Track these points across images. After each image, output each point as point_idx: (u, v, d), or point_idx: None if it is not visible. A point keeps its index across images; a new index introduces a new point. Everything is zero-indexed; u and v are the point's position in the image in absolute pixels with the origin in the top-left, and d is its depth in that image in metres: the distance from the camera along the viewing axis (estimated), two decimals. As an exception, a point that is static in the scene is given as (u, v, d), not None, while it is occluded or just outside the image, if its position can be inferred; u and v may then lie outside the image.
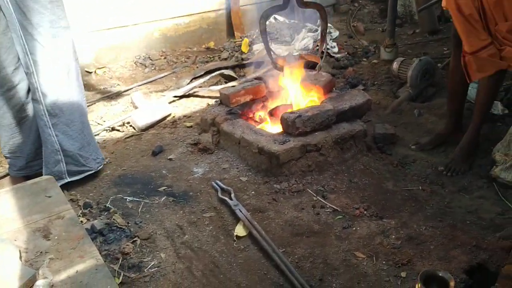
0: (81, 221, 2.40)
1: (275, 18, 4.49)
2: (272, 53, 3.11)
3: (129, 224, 2.41)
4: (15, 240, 1.82)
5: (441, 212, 2.49)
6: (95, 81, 4.46)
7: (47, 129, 2.59)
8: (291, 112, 2.83)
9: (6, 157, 2.82)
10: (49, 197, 2.23)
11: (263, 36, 3.02)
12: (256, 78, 3.22)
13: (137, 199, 2.64)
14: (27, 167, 2.82)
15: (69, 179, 2.73)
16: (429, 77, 3.77)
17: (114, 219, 2.43)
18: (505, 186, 2.66)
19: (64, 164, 2.69)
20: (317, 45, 4.72)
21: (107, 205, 2.57)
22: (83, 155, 2.73)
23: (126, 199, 2.64)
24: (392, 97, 3.86)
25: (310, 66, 3.72)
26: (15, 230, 1.92)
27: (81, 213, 2.51)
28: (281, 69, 3.10)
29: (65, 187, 2.75)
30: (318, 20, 5.30)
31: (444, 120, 3.19)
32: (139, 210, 2.55)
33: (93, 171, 2.81)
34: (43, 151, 2.67)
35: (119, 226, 2.37)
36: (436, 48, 4.81)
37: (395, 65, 3.95)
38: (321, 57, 3.18)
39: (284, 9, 2.95)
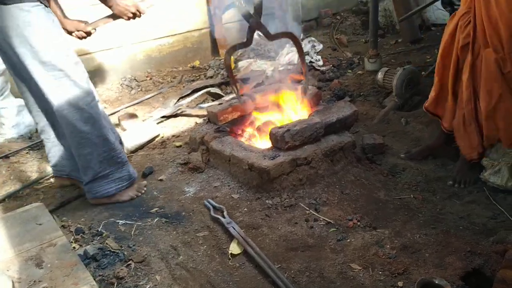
0: (74, 247, 2.37)
1: (258, 35, 4.52)
2: (238, 87, 3.16)
3: (123, 248, 2.39)
4: (8, 270, 1.80)
5: (433, 219, 2.50)
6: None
7: None
8: (280, 127, 2.84)
9: None
10: (40, 224, 2.22)
11: (229, 72, 3.06)
12: (243, 95, 3.22)
13: (129, 222, 2.62)
14: None
15: None
16: (414, 85, 3.81)
17: (107, 244, 2.40)
18: (495, 190, 2.69)
19: None
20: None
21: (99, 229, 2.55)
22: None
23: (119, 222, 2.62)
24: (379, 107, 3.89)
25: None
26: (7, 260, 1.90)
27: (73, 239, 2.47)
28: (246, 106, 3.13)
29: (56, 213, 2.73)
30: (301, 35, 5.37)
31: (429, 128, 3.22)
32: (132, 233, 2.53)
33: None
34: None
35: (113, 250, 2.35)
36: (419, 57, 4.87)
37: (379, 75, 3.99)
38: (305, 79, 3.18)
39: (248, 45, 3.01)
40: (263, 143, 3.08)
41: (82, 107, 2.54)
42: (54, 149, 2.86)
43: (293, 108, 3.24)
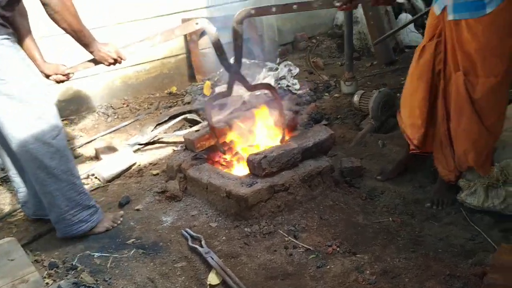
0: (47, 283, 2.31)
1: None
2: (219, 138, 3.15)
3: (98, 282, 2.33)
4: (-24, 312, 1.74)
5: (413, 242, 2.50)
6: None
7: None
8: (257, 153, 2.83)
9: None
10: (12, 260, 2.16)
11: (210, 123, 3.06)
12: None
13: (105, 254, 2.56)
14: None
15: None
16: (390, 107, 3.84)
17: (82, 278, 2.34)
18: (472, 211, 2.70)
19: None
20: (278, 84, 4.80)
21: (74, 263, 2.48)
22: None
23: (94, 255, 2.56)
24: (356, 129, 3.91)
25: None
26: (-25, 301, 1.84)
27: (46, 274, 2.41)
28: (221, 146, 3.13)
29: (29, 247, 2.66)
30: (278, 59, 5.41)
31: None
32: (108, 265, 2.47)
33: None
34: None
35: (88, 285, 2.28)
36: (393, 78, 4.93)
37: (355, 98, 4.02)
38: (283, 129, 3.17)
39: (229, 95, 3.00)
40: (241, 169, 3.06)
41: (48, 141, 2.47)
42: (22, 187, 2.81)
43: (270, 134, 3.23)
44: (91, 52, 2.58)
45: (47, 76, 2.74)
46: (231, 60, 2.90)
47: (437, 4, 2.59)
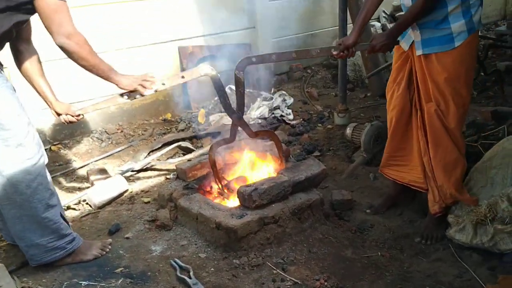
0: (33, 312, 2.30)
1: (230, 89, 4.59)
2: (222, 183, 3.16)
3: (84, 312, 2.32)
4: None
5: (401, 278, 2.51)
6: (49, 157, 4.38)
7: None
8: (247, 185, 2.85)
9: None
10: (0, 287, 2.16)
11: (214, 169, 3.07)
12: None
13: (92, 283, 2.55)
14: None
15: None
16: (382, 141, 3.87)
17: (68, 307, 2.34)
18: (461, 247, 2.72)
19: None
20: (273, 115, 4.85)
21: (61, 291, 2.48)
22: None
23: (82, 283, 2.54)
24: (348, 161, 3.94)
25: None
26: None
27: (33, 302, 2.40)
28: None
29: (17, 273, 2.65)
30: (272, 88, 5.47)
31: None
32: (95, 295, 2.47)
33: None
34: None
35: (74, 314, 2.28)
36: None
37: (348, 130, 4.06)
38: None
39: (232, 142, 3.03)
40: (232, 201, 3.07)
41: (26, 168, 2.48)
42: None
43: (261, 165, 3.26)
44: (116, 84, 2.67)
45: (58, 115, 2.78)
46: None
47: (404, 40, 2.74)
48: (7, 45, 2.57)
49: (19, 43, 2.63)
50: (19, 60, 2.67)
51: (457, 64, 2.57)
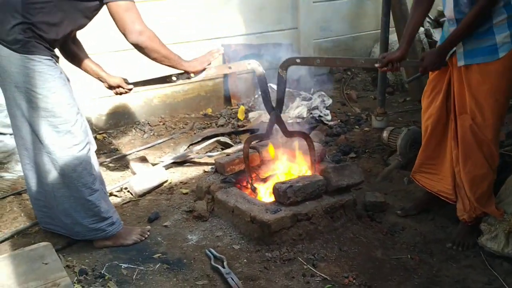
0: (76, 288, 2.45)
1: (270, 87, 4.67)
2: (253, 177, 3.25)
3: (123, 292, 2.46)
4: (12, 309, 1.87)
5: (429, 282, 2.55)
6: (95, 146, 4.59)
7: None
8: (283, 182, 2.94)
9: None
10: (46, 264, 2.30)
11: (246, 162, 3.16)
12: (250, 147, 3.32)
13: (132, 266, 2.70)
14: None
15: None
16: (418, 146, 3.87)
17: (108, 286, 2.48)
18: (492, 255, 2.72)
19: None
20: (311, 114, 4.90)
21: (102, 272, 2.62)
22: None
23: (122, 266, 2.69)
24: (383, 164, 3.97)
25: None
26: (12, 298, 1.98)
27: (76, 280, 2.54)
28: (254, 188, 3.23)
29: (62, 252, 2.81)
30: (312, 89, 5.52)
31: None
32: (134, 277, 2.60)
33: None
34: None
35: (114, 293, 2.42)
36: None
37: (385, 134, 4.09)
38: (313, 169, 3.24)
39: (268, 137, 3.15)
40: (267, 196, 3.17)
41: (73, 153, 2.66)
42: None
43: (298, 163, 3.33)
44: (187, 71, 2.88)
45: (111, 88, 2.99)
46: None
47: None
48: None
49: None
50: (66, 49, 2.88)
51: (499, 75, 2.53)
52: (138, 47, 2.61)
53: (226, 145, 4.43)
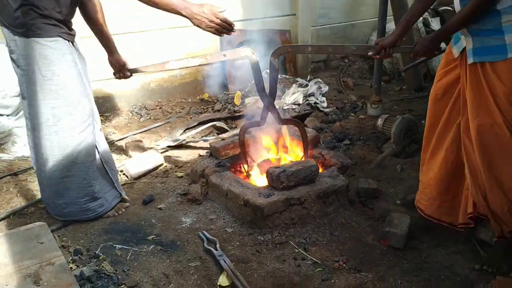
0: (71, 268, 2.47)
1: (266, 73, 4.67)
2: (248, 164, 3.30)
3: (117, 272, 2.49)
4: (6, 285, 1.90)
5: (418, 267, 2.59)
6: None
7: None
8: (276, 167, 2.97)
9: None
10: (42, 243, 2.32)
11: (242, 148, 3.20)
12: (245, 132, 3.34)
13: (126, 247, 2.73)
14: None
15: None
16: (412, 134, 3.94)
17: (102, 266, 2.51)
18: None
19: None
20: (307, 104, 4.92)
21: (96, 252, 2.66)
22: None
23: (116, 246, 2.73)
24: (377, 152, 4.01)
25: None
26: (6, 275, 2.01)
27: (71, 260, 2.58)
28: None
29: (57, 232, 2.85)
30: (309, 76, 5.54)
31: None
32: (128, 258, 2.63)
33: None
34: None
35: (107, 273, 2.45)
36: (421, 105, 4.99)
37: (379, 121, 4.12)
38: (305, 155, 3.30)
39: (262, 125, 3.15)
40: (260, 180, 3.20)
41: (75, 134, 2.75)
42: None
43: (292, 149, 3.37)
44: (188, 18, 2.59)
45: (114, 67, 3.08)
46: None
47: (456, 47, 2.56)
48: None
49: None
50: (84, 11, 2.89)
51: (510, 74, 2.35)
52: None
53: (222, 130, 4.46)
